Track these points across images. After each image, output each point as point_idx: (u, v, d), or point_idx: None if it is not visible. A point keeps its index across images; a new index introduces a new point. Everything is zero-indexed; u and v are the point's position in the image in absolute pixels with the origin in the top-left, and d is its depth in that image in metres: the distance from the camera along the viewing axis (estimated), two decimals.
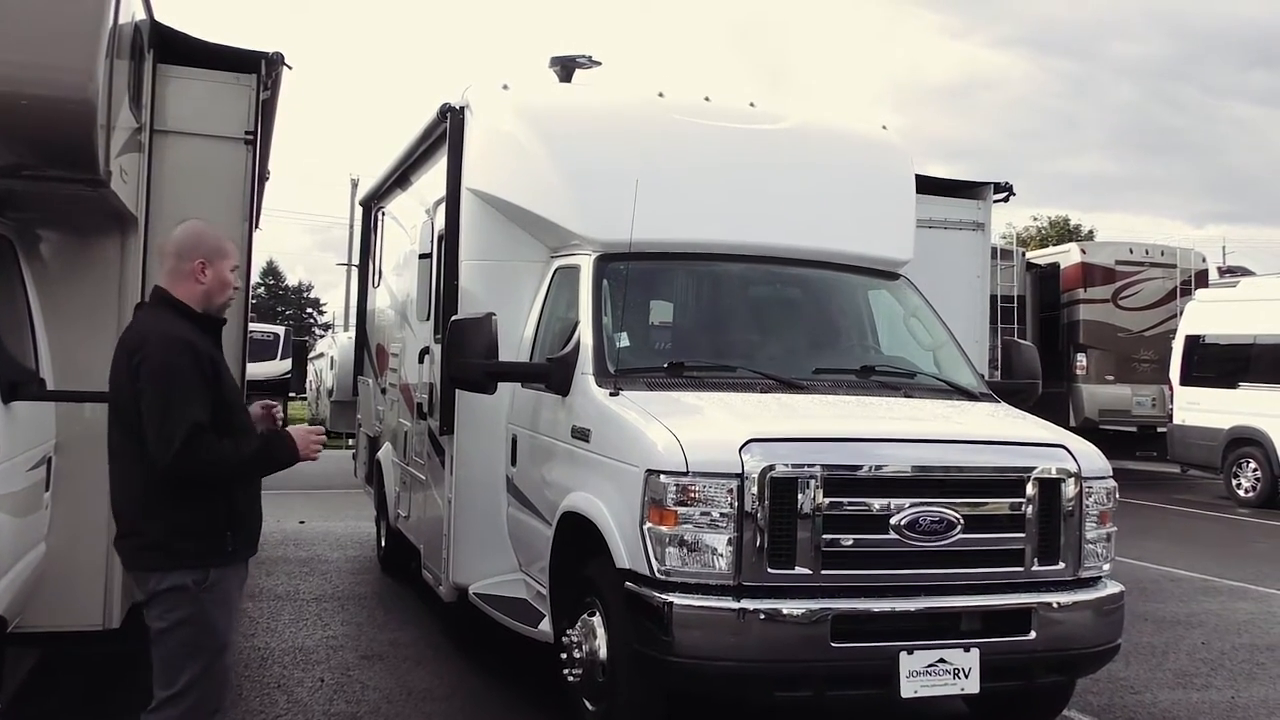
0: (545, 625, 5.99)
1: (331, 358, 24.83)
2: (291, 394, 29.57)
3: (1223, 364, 17.17)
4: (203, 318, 3.97)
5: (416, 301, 8.33)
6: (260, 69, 6.48)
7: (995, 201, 10.61)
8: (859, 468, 4.99)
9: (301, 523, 12.56)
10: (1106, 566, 5.45)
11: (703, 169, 6.70)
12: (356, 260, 14.47)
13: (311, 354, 35.40)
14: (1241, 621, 8.94)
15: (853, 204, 6.99)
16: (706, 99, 7.16)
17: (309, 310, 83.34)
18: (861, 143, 7.54)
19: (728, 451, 4.87)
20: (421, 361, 8.00)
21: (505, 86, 6.93)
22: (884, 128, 7.76)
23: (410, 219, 8.96)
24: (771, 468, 4.83)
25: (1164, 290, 19.92)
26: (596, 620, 5.32)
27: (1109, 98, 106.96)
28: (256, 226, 7.98)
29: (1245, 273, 22.66)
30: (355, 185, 38.84)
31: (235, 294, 4.12)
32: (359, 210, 12.22)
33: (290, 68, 6.66)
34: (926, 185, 8.59)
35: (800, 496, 4.84)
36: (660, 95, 7.07)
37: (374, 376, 10.81)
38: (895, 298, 6.95)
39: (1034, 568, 5.18)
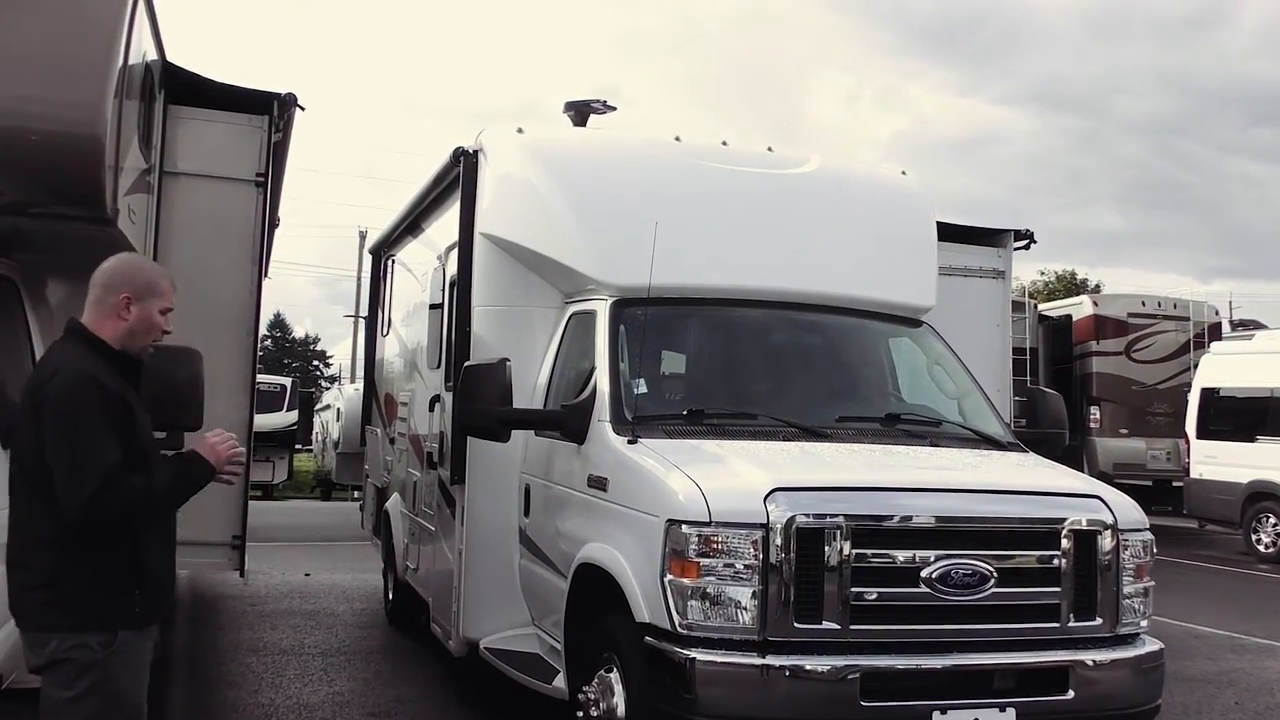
0: (560, 681, 5.78)
1: (338, 409, 24.72)
2: (297, 445, 29.54)
3: (1240, 417, 17.00)
4: (119, 356, 3.61)
5: (427, 349, 8.20)
6: (272, 110, 6.42)
7: (1015, 249, 10.51)
8: (888, 518, 4.81)
9: (307, 575, 12.36)
10: (1144, 623, 5.25)
11: (721, 213, 6.58)
12: (365, 311, 14.39)
13: (318, 406, 35.42)
14: (1274, 680, 8.69)
15: (874, 250, 6.87)
16: (724, 143, 7.10)
17: (316, 363, 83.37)
18: (881, 188, 7.44)
19: (752, 501, 4.69)
20: (432, 410, 7.85)
21: (519, 130, 6.85)
22: (904, 173, 7.67)
23: (421, 266, 8.86)
24: (796, 518, 4.65)
25: (1177, 343, 19.75)
26: (614, 676, 5.11)
27: (1115, 153, 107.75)
28: (266, 273, 7.87)
29: (1257, 326, 22.53)
30: (364, 237, 39.05)
31: (165, 339, 3.74)
32: (368, 260, 12.15)
33: (303, 109, 6.61)
34: (947, 232, 8.48)
35: (827, 548, 4.66)
36: (677, 139, 6.99)
37: (383, 426, 10.65)
38: (918, 345, 6.80)
39: (1070, 623, 4.99)
